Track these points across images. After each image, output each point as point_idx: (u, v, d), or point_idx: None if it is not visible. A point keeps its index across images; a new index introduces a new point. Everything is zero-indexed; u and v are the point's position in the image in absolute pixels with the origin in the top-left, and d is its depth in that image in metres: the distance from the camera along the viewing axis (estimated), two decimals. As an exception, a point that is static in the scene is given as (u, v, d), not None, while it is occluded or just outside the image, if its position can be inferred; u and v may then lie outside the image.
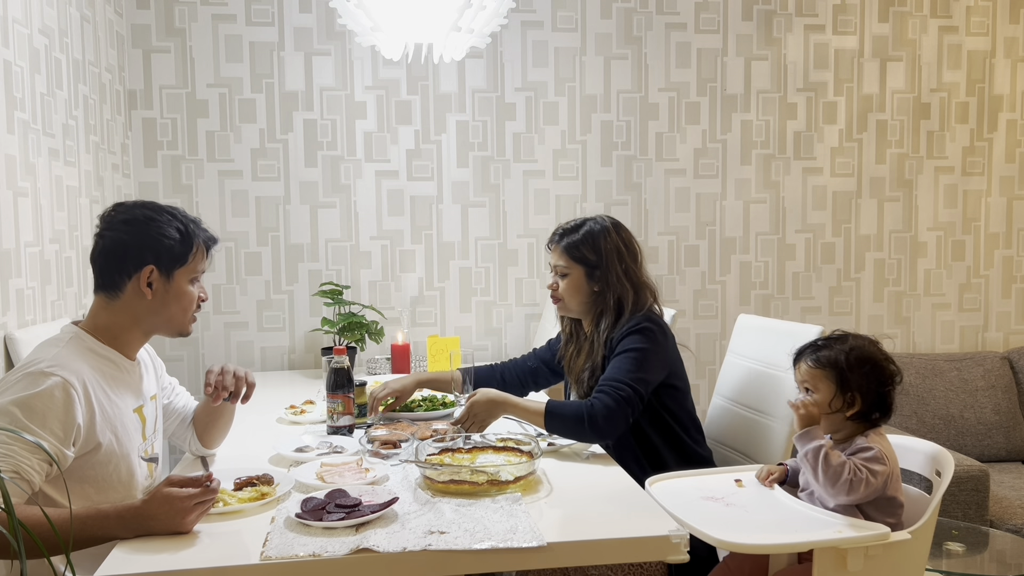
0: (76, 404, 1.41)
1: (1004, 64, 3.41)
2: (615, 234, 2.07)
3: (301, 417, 2.18)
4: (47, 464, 1.36)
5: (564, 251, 2.07)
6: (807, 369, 1.65)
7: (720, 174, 3.30)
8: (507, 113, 3.16)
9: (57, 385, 1.39)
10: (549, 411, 1.85)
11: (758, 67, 3.28)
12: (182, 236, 1.58)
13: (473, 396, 1.90)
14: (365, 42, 2.36)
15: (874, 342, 1.67)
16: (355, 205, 3.11)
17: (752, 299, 3.35)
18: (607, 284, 2.04)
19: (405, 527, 1.35)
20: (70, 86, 2.41)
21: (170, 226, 1.58)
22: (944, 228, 3.44)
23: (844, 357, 1.61)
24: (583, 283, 2.06)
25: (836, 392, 1.60)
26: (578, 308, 2.10)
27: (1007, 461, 3.12)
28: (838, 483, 1.50)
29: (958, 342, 3.48)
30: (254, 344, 3.09)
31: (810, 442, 1.54)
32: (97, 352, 1.55)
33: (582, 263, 2.05)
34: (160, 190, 3.00)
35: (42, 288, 2.17)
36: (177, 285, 1.59)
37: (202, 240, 1.63)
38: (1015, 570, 2.11)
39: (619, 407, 1.83)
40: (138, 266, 1.54)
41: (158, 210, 1.60)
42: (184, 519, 1.34)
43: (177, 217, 1.60)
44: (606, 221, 2.09)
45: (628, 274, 2.05)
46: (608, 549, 1.33)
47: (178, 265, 1.58)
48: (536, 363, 2.31)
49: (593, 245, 2.05)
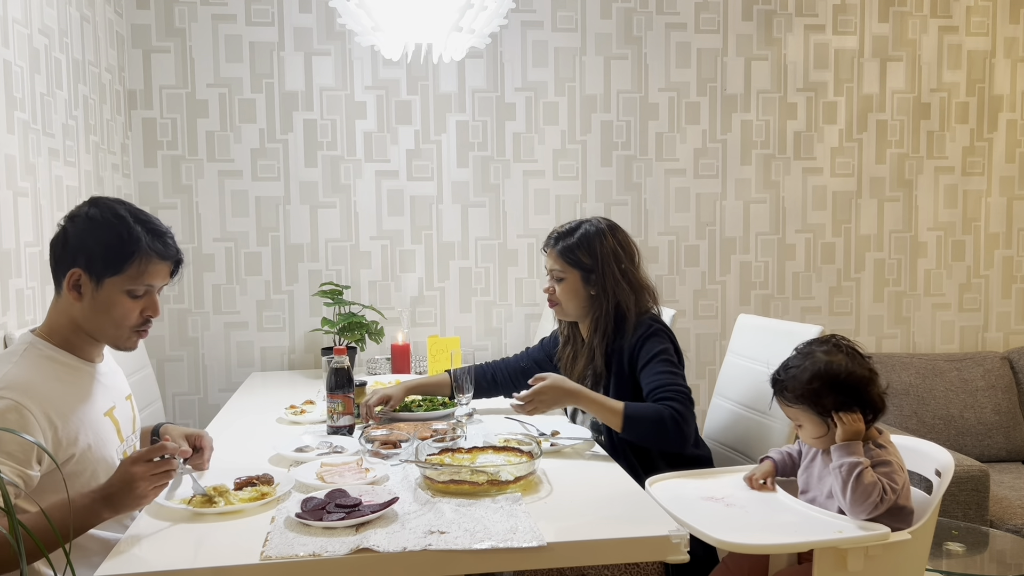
0: (33, 425, 1.36)
1: (1004, 64, 3.41)
2: (611, 236, 2.06)
3: (301, 417, 2.18)
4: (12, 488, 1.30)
5: (559, 255, 2.06)
6: (783, 405, 1.63)
7: (720, 174, 3.30)
8: (507, 113, 3.16)
9: (10, 408, 1.34)
10: (629, 415, 1.85)
11: (758, 67, 3.28)
12: (119, 243, 1.47)
13: (543, 379, 1.90)
14: (365, 42, 2.36)
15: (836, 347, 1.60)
16: (355, 205, 3.11)
17: (752, 299, 3.35)
18: (604, 288, 2.03)
19: (405, 527, 1.35)
20: (70, 86, 2.41)
21: (112, 231, 1.47)
22: (944, 228, 3.44)
23: (808, 390, 1.57)
24: (580, 287, 2.05)
25: (818, 420, 1.58)
26: (575, 312, 2.09)
27: (1007, 461, 3.12)
28: (866, 503, 1.47)
29: (958, 342, 3.48)
30: (254, 344, 3.09)
31: (848, 456, 1.50)
32: (55, 359, 1.50)
33: (578, 267, 2.04)
34: (160, 190, 3.00)
35: (42, 288, 2.17)
36: (106, 294, 1.48)
37: (153, 253, 1.50)
38: (1015, 570, 2.11)
39: (689, 410, 1.87)
40: (67, 266, 1.48)
41: (113, 212, 1.50)
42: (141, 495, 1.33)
43: (128, 223, 1.49)
44: (602, 223, 2.08)
45: (626, 276, 2.04)
46: (608, 549, 1.33)
47: (109, 273, 1.47)
48: (528, 363, 2.30)
49: (589, 248, 2.04)
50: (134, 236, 1.48)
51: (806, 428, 1.61)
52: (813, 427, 1.59)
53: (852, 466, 1.49)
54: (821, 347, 1.62)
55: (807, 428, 1.61)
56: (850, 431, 1.54)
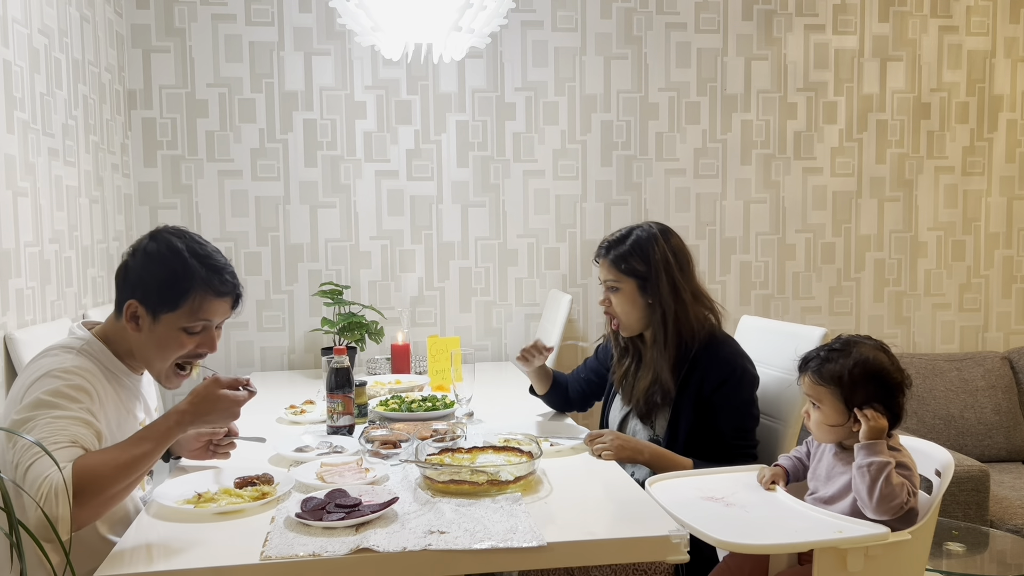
0: (95, 400, 1.44)
1: (1004, 64, 3.41)
2: (663, 242, 1.96)
3: (301, 417, 2.18)
4: (95, 438, 1.38)
5: (612, 264, 1.97)
6: (810, 383, 1.61)
7: (720, 174, 3.29)
8: (507, 113, 3.16)
9: (79, 380, 1.42)
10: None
11: (758, 67, 3.28)
12: (174, 279, 1.48)
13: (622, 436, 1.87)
14: (365, 42, 2.36)
15: (881, 348, 1.61)
16: (355, 205, 3.11)
17: (752, 299, 3.35)
18: (659, 295, 1.93)
19: (405, 527, 1.35)
20: (70, 86, 2.41)
21: (167, 266, 1.49)
22: (944, 228, 3.44)
23: (848, 373, 1.55)
24: (636, 296, 1.95)
25: (842, 408, 1.57)
26: (637, 323, 1.99)
27: (1007, 461, 3.12)
28: (892, 504, 1.46)
29: (958, 342, 3.48)
30: (254, 344, 3.09)
31: (875, 456, 1.48)
32: (106, 364, 1.53)
33: (632, 275, 1.95)
34: (160, 190, 3.00)
35: (42, 288, 2.17)
36: (161, 328, 1.50)
37: (209, 290, 1.50)
38: (1015, 570, 2.11)
39: None
40: (125, 296, 1.51)
41: (169, 246, 1.51)
42: (233, 414, 1.44)
43: (184, 257, 1.49)
44: (654, 228, 1.99)
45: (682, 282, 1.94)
46: (608, 549, 1.33)
47: (165, 309, 1.49)
48: (587, 374, 2.26)
49: (642, 254, 1.95)
50: (189, 271, 1.49)
51: (825, 412, 1.58)
52: (833, 413, 1.57)
53: (881, 466, 1.47)
54: (868, 342, 1.62)
55: (826, 413, 1.58)
56: (876, 429, 1.51)
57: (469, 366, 2.15)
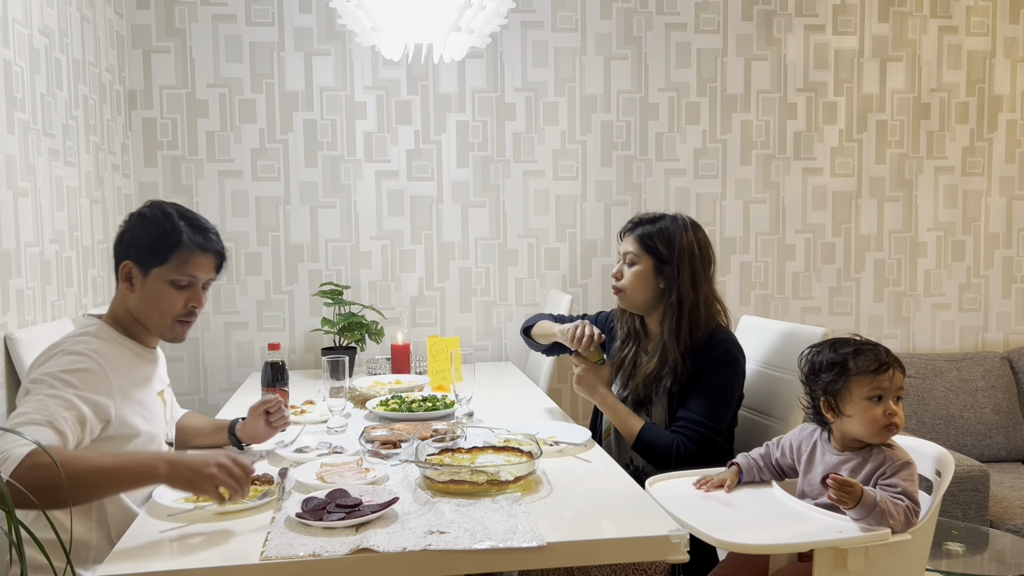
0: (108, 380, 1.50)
1: (1004, 64, 3.41)
2: (691, 233, 2.01)
3: (301, 417, 2.18)
4: (79, 426, 1.41)
5: (637, 239, 2.02)
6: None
7: (720, 174, 3.30)
8: (507, 113, 3.16)
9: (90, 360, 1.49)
10: (642, 437, 1.93)
11: (758, 67, 3.28)
12: (163, 235, 1.60)
13: (587, 367, 1.99)
14: (365, 42, 2.36)
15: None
16: (355, 205, 3.11)
17: (752, 299, 3.35)
18: (674, 283, 1.97)
19: (405, 527, 1.35)
20: (70, 86, 2.41)
21: (158, 225, 1.61)
22: (944, 228, 3.44)
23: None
24: (650, 276, 2.00)
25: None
26: (640, 301, 2.03)
27: (1007, 461, 3.12)
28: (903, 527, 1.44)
29: (958, 342, 3.48)
30: (254, 344, 3.09)
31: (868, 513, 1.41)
32: (120, 343, 1.62)
33: (653, 254, 2.00)
34: (160, 190, 3.00)
35: (42, 288, 2.17)
36: (152, 284, 1.61)
37: (194, 245, 1.62)
38: (1015, 570, 2.11)
39: (699, 452, 1.88)
40: (121, 259, 1.63)
41: (161, 210, 1.64)
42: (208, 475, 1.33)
43: (173, 218, 1.62)
44: (686, 219, 2.04)
45: (696, 279, 1.98)
46: (608, 549, 1.33)
47: (155, 264, 1.60)
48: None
49: (668, 240, 1.99)
50: (177, 229, 1.61)
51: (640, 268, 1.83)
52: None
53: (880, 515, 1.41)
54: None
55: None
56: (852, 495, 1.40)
57: (469, 366, 2.14)
